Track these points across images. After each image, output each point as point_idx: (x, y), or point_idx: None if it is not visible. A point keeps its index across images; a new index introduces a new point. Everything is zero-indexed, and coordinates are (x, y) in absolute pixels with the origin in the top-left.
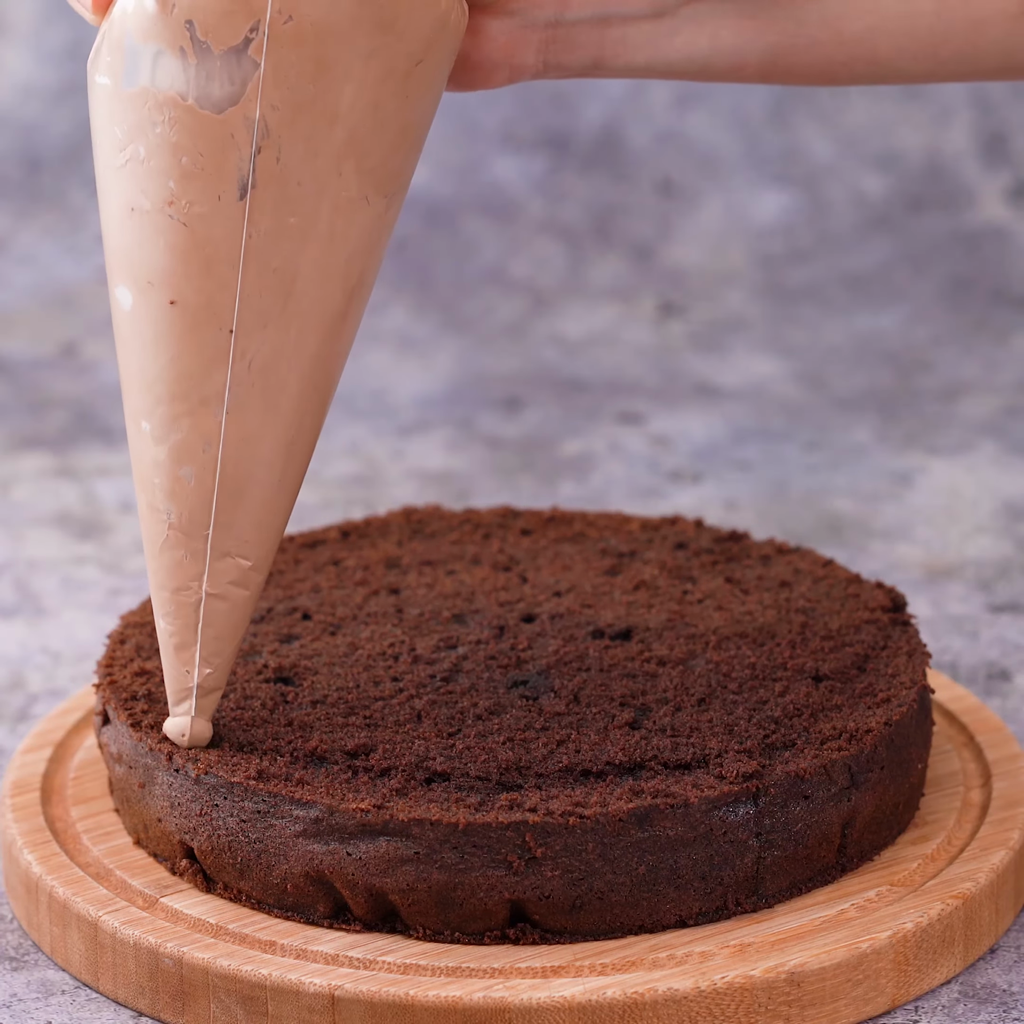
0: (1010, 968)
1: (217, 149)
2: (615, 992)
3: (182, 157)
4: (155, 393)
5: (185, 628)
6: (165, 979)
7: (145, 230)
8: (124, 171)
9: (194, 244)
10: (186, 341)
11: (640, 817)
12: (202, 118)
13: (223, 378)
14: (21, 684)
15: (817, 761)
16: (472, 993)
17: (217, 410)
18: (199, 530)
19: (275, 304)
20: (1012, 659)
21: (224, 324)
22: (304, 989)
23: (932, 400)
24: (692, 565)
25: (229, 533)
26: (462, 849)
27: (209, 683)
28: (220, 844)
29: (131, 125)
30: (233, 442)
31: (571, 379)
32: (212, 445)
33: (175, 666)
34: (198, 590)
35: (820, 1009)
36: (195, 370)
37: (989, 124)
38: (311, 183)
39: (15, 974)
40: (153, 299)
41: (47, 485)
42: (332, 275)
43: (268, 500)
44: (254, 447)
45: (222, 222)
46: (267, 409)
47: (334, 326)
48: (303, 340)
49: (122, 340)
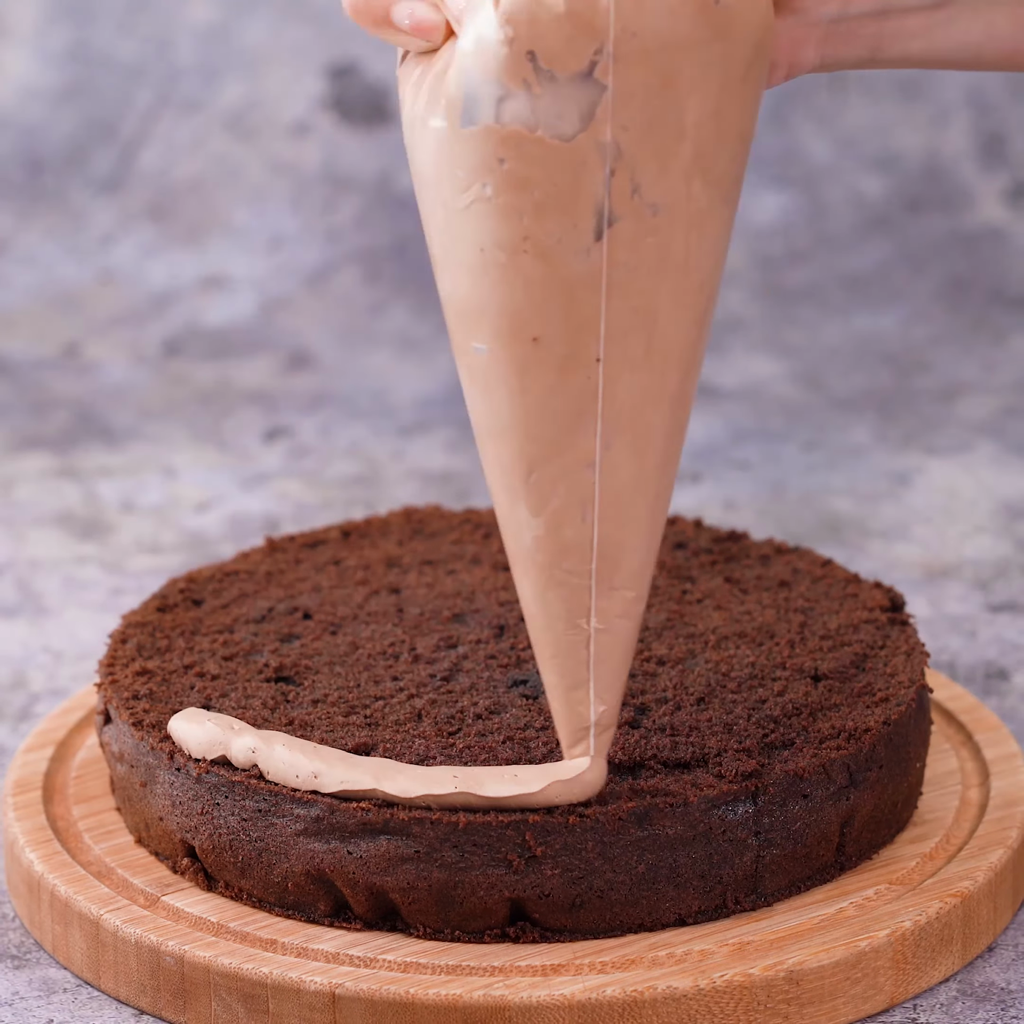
0: (1008, 966)
1: (570, 178)
2: (615, 990)
3: (534, 191)
4: (527, 456)
5: (577, 667)
6: (166, 977)
7: (499, 270)
8: (470, 212)
9: (553, 278)
10: (552, 379)
11: (639, 816)
12: (552, 148)
13: (594, 427)
14: (23, 683)
15: (816, 760)
16: (472, 991)
17: (589, 468)
18: (583, 567)
19: (639, 342)
20: (1010, 658)
21: (590, 366)
22: (305, 987)
23: (930, 400)
24: (691, 565)
25: (613, 570)
26: (462, 848)
27: (604, 720)
28: (221, 843)
29: (474, 165)
30: (609, 501)
31: None
32: (588, 509)
33: (568, 706)
34: (586, 627)
35: (819, 1007)
36: (564, 412)
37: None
38: (664, 204)
39: (17, 972)
40: (515, 339)
41: (49, 485)
42: (687, 304)
43: (642, 541)
44: (627, 502)
45: (581, 255)
46: (637, 457)
47: (691, 360)
48: (666, 380)
49: (483, 391)
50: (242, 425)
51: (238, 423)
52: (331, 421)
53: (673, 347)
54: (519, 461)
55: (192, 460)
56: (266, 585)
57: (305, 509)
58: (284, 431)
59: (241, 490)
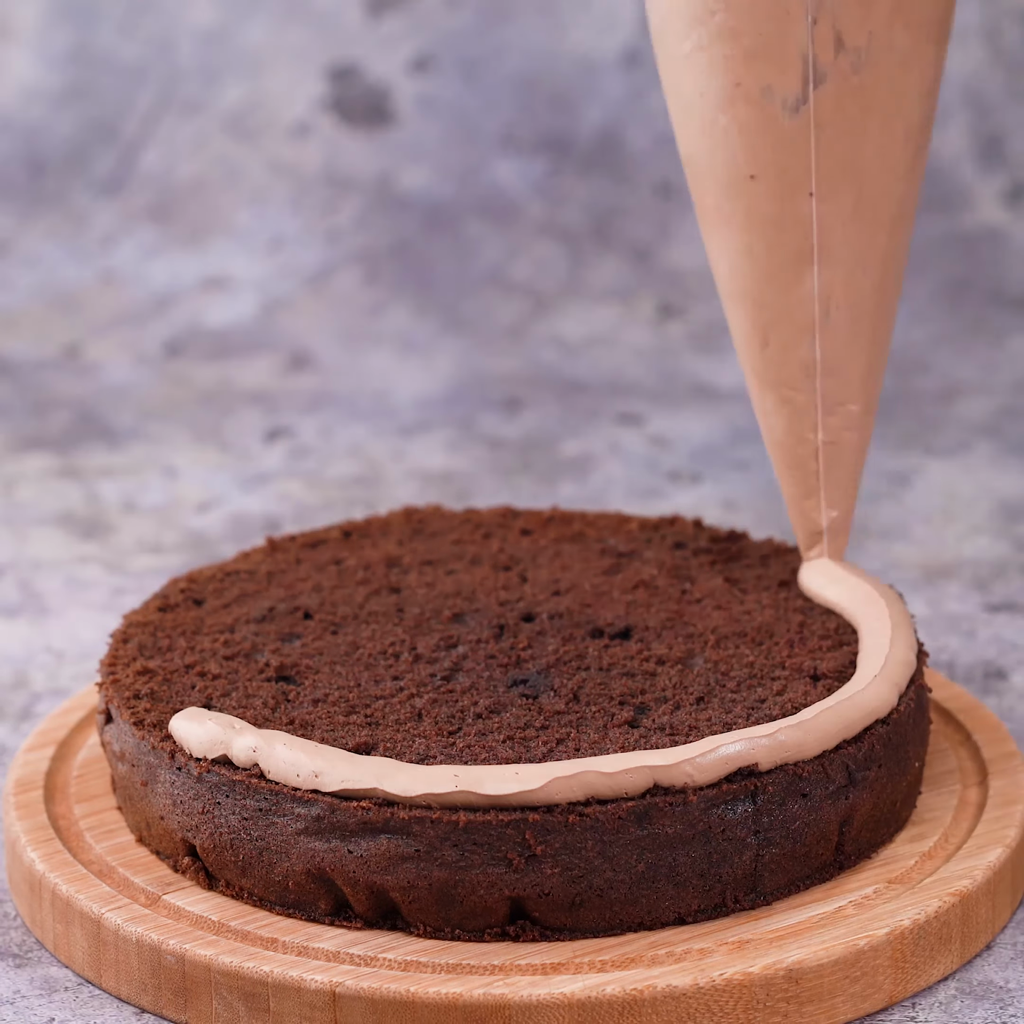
0: (1007, 965)
1: (775, 27)
2: (614, 989)
3: (743, 39)
4: (752, 295)
5: (807, 477)
6: (167, 976)
7: (716, 113)
8: (689, 60)
9: (765, 122)
10: (773, 210)
11: (639, 815)
12: (758, 1)
13: (811, 256)
14: (25, 683)
15: (815, 759)
16: (472, 990)
17: (810, 300)
18: (808, 385)
19: (849, 192)
20: (1008, 658)
21: (806, 201)
22: (305, 986)
23: (929, 401)
24: (691, 565)
25: (837, 383)
26: (462, 847)
27: (836, 525)
28: (222, 842)
29: (690, 17)
30: (829, 326)
31: (571, 380)
32: (809, 336)
33: (803, 514)
34: (815, 440)
35: (818, 1006)
36: (787, 246)
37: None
38: (867, 49)
39: (18, 971)
40: (735, 178)
41: (50, 485)
42: (894, 157)
43: (864, 359)
44: (846, 327)
45: (789, 108)
46: (853, 287)
47: (909, 172)
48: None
49: (716, 242)
50: (243, 425)
51: (239, 423)
52: (331, 421)
53: (881, 199)
54: (749, 303)
55: (193, 460)
56: (267, 585)
57: (306, 509)
58: (285, 431)
59: (242, 490)
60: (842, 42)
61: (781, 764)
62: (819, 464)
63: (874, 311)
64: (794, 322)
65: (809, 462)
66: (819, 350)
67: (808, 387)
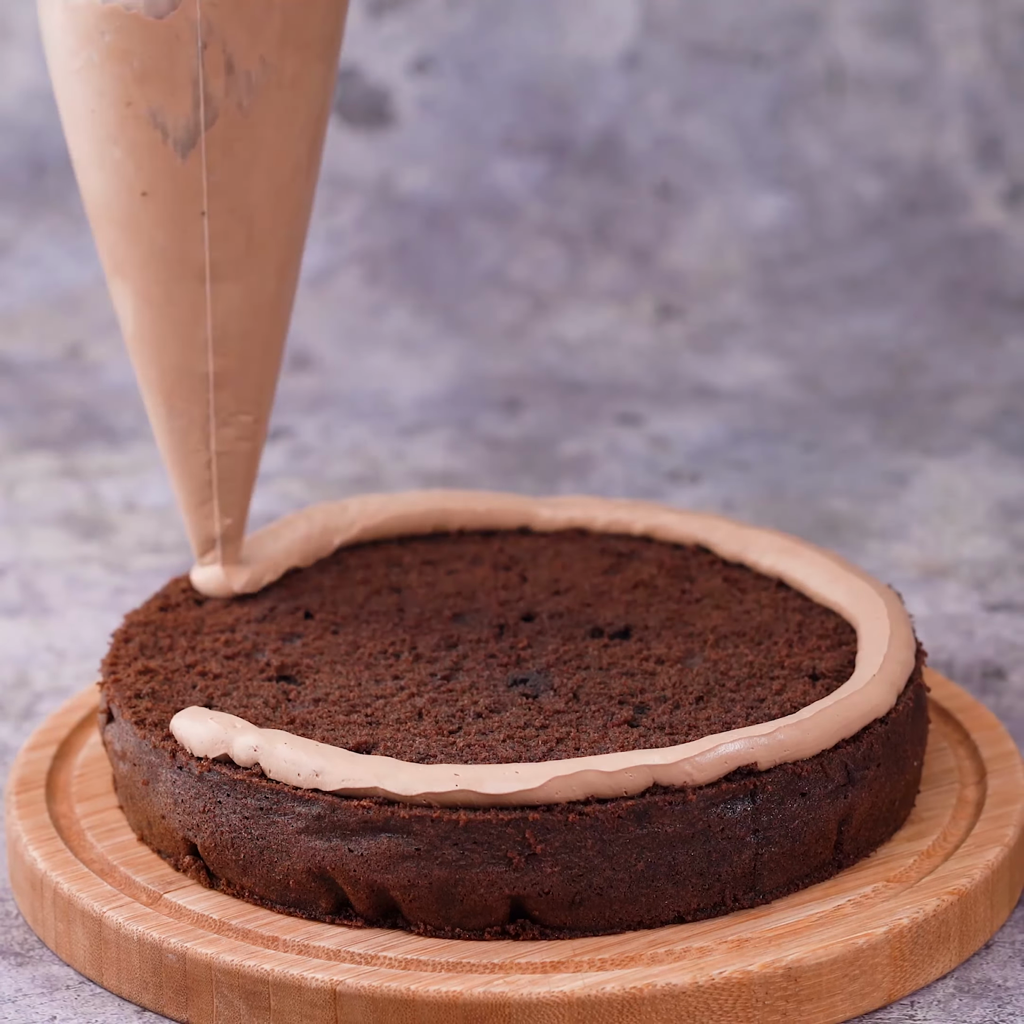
0: (1005, 963)
1: (166, 51)
2: (614, 987)
3: (133, 61)
4: (145, 295)
5: (202, 486)
6: (169, 974)
7: (106, 128)
8: (80, 76)
9: (156, 140)
10: (162, 234)
11: (639, 814)
12: (147, 24)
13: (203, 274)
14: (26, 682)
15: (814, 759)
16: (472, 988)
17: (203, 313)
18: (202, 397)
19: (239, 202)
20: (1007, 657)
21: (197, 221)
22: (306, 984)
23: (927, 401)
24: (690, 565)
25: (231, 396)
26: (462, 846)
27: (230, 532)
28: (223, 841)
29: (80, 35)
30: (221, 339)
31: (570, 380)
32: (203, 349)
33: (197, 521)
34: (208, 451)
35: (817, 1004)
36: (176, 261)
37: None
38: (257, 72)
39: (20, 969)
40: (126, 190)
41: (52, 485)
42: (287, 164)
43: (261, 361)
44: (239, 339)
45: (180, 115)
46: (249, 297)
47: (297, 201)
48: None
49: (104, 241)
50: None
51: None
52: (332, 421)
53: (273, 226)
54: (145, 313)
55: None
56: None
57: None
58: (285, 431)
59: None
60: (232, 66)
61: (780, 763)
62: (212, 473)
63: (268, 328)
64: (187, 337)
65: (203, 472)
66: (212, 364)
67: (202, 399)
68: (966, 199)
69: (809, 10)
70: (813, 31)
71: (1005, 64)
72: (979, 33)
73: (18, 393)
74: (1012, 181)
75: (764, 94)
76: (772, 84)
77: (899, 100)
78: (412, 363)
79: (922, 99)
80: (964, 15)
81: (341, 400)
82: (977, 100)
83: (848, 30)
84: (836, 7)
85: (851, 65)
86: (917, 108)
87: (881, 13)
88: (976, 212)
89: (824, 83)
